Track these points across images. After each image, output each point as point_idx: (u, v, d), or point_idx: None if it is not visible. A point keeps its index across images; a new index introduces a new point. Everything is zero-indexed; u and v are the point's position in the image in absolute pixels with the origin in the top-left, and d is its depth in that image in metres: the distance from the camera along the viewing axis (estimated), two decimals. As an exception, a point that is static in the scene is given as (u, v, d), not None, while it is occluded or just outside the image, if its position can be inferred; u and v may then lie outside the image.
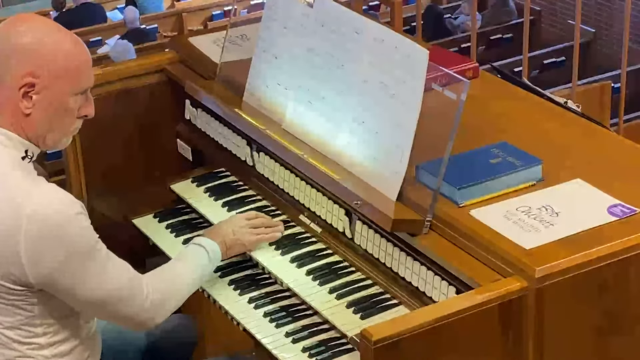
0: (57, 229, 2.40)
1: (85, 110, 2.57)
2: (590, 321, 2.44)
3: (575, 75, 6.23)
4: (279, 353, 2.65)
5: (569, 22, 10.36)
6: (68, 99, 2.50)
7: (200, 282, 2.82)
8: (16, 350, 2.53)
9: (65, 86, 2.49)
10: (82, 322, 2.62)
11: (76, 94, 2.52)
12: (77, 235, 2.43)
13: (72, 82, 2.50)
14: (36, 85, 2.45)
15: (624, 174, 2.71)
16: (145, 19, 11.16)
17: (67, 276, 2.44)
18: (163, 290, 2.64)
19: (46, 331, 2.54)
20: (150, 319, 2.62)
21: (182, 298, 2.73)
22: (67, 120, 2.54)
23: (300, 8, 3.05)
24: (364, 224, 2.77)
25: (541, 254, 2.38)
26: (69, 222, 2.42)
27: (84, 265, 2.46)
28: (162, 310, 2.64)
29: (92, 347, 2.68)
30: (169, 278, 2.71)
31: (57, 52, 2.47)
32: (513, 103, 3.16)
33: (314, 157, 2.88)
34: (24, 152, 2.49)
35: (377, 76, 2.75)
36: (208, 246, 2.85)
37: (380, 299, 2.73)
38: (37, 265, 2.41)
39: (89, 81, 2.56)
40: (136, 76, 3.53)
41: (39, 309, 2.50)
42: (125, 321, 2.61)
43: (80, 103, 2.54)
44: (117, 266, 2.55)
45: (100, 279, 2.49)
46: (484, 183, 2.62)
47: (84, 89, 2.54)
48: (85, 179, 3.51)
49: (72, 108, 2.52)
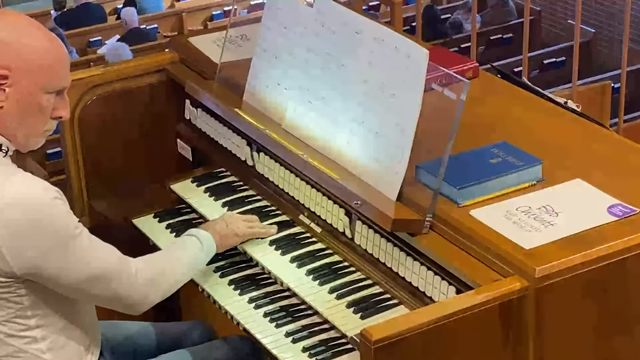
0: (35, 215, 2.40)
1: (59, 111, 2.55)
2: (590, 321, 2.44)
3: (575, 75, 6.23)
4: (279, 353, 2.65)
5: (569, 22, 10.36)
6: (41, 96, 2.49)
7: (194, 268, 2.82)
8: (12, 346, 2.53)
9: (38, 82, 2.48)
10: (76, 312, 2.61)
11: (49, 92, 2.50)
12: (56, 221, 2.43)
13: (45, 79, 2.49)
14: (9, 77, 2.45)
15: (623, 174, 2.71)
16: (145, 19, 11.15)
17: (51, 262, 2.44)
18: (153, 270, 2.64)
19: (39, 323, 2.53)
20: (144, 298, 2.61)
21: (175, 282, 2.73)
22: (39, 119, 2.52)
23: (300, 8, 3.05)
24: (364, 224, 2.77)
25: (541, 254, 2.39)
26: (46, 208, 2.41)
27: (67, 250, 2.45)
28: (153, 291, 2.64)
29: (91, 338, 2.67)
30: (159, 260, 2.72)
31: (32, 47, 2.47)
32: (513, 103, 3.16)
33: (314, 157, 2.88)
34: None
35: (377, 76, 2.75)
36: (199, 234, 2.86)
37: (380, 299, 2.73)
38: (19, 254, 2.41)
39: (64, 81, 2.54)
40: (136, 76, 3.53)
41: (29, 300, 2.50)
42: (117, 302, 2.60)
43: (55, 104, 2.53)
44: (101, 248, 2.55)
45: (84, 261, 2.49)
46: (484, 183, 2.62)
47: (58, 89, 2.53)
48: (85, 179, 3.52)
49: (45, 107, 2.51)
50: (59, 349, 2.58)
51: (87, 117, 3.47)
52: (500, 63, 8.72)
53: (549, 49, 9.85)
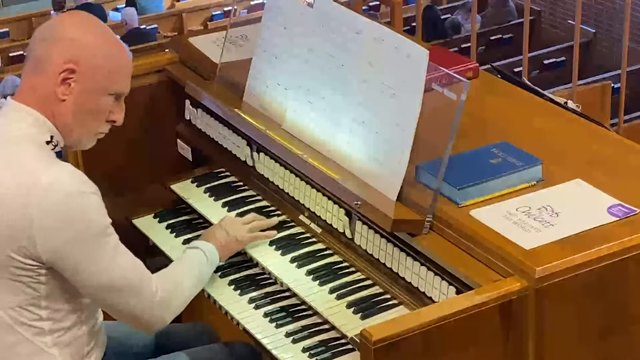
0: (71, 204, 2.43)
1: (115, 115, 2.63)
2: (590, 321, 2.44)
3: (575, 75, 6.24)
4: (279, 353, 2.65)
5: (569, 22, 10.37)
6: (101, 97, 2.57)
7: (201, 283, 2.82)
8: (18, 334, 2.53)
9: (102, 83, 2.56)
10: (86, 314, 2.62)
11: (109, 94, 2.58)
12: (90, 214, 2.46)
13: (109, 81, 2.57)
14: (76, 72, 2.52)
15: (623, 174, 2.71)
16: (145, 19, 11.16)
17: (76, 253, 2.45)
18: (169, 290, 2.65)
19: (50, 316, 2.54)
20: (160, 318, 2.63)
21: (185, 299, 2.73)
22: (95, 118, 2.60)
23: (300, 8, 3.05)
24: (364, 224, 2.77)
25: (541, 254, 2.38)
26: (83, 198, 2.45)
27: (93, 245, 2.47)
28: (169, 310, 2.65)
29: (95, 341, 2.68)
30: (173, 278, 2.71)
31: (103, 49, 2.56)
32: (513, 103, 3.16)
33: (314, 157, 2.88)
34: (49, 137, 2.54)
35: (377, 76, 2.75)
36: (204, 247, 2.86)
37: (380, 299, 2.73)
38: (47, 237, 2.42)
39: (125, 87, 2.63)
40: (136, 76, 3.52)
41: (46, 289, 2.51)
42: (132, 317, 2.61)
43: (112, 107, 2.60)
44: (127, 257, 2.56)
45: (108, 264, 2.50)
46: (484, 183, 2.62)
47: (118, 92, 2.61)
48: (85, 179, 3.51)
49: (102, 108, 2.59)
50: (64, 346, 2.58)
51: (87, 117, 3.46)
52: (500, 63, 8.73)
53: (549, 49, 9.86)
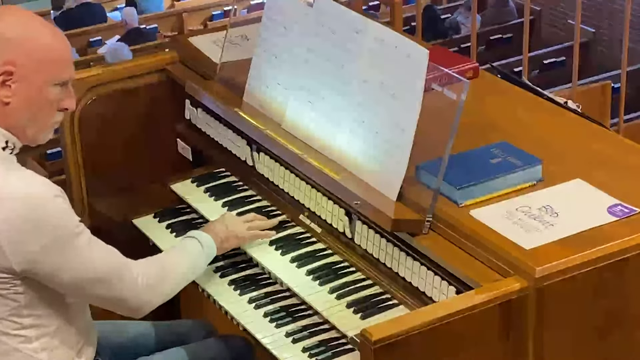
0: (36, 211, 2.41)
1: (65, 102, 2.58)
2: (590, 321, 2.44)
3: (575, 75, 6.23)
4: (279, 353, 2.65)
5: (569, 22, 10.36)
6: (47, 89, 2.52)
7: (194, 271, 2.82)
8: (5, 344, 2.53)
9: (44, 76, 2.50)
10: (71, 315, 2.61)
11: (55, 85, 2.53)
12: (57, 218, 2.44)
13: (51, 72, 2.51)
14: (14, 73, 2.47)
15: (623, 174, 2.71)
16: (145, 19, 11.14)
17: (50, 259, 2.44)
18: (154, 273, 2.65)
19: (34, 323, 2.53)
20: (145, 302, 2.63)
21: (176, 285, 2.73)
22: (46, 112, 2.55)
23: (300, 8, 3.05)
24: (364, 224, 2.77)
25: (541, 254, 2.39)
26: (46, 204, 2.43)
27: (66, 248, 2.46)
28: (156, 294, 2.64)
29: (84, 340, 2.67)
30: (160, 263, 2.72)
31: (36, 42, 2.49)
32: (513, 103, 3.16)
33: (313, 157, 2.88)
34: (4, 143, 2.50)
35: (377, 76, 2.75)
36: (200, 237, 2.86)
37: (380, 299, 2.73)
38: (18, 250, 2.41)
39: (69, 73, 2.57)
40: (136, 76, 3.53)
41: (26, 298, 2.50)
42: (118, 305, 2.61)
43: (61, 95, 2.56)
44: (102, 249, 2.56)
45: (84, 260, 2.49)
46: (484, 183, 2.62)
47: (64, 80, 2.55)
48: (85, 179, 3.52)
49: (52, 99, 2.54)
50: (52, 350, 2.58)
51: (87, 117, 3.47)
52: (500, 63, 8.72)
53: (549, 49, 9.86)
